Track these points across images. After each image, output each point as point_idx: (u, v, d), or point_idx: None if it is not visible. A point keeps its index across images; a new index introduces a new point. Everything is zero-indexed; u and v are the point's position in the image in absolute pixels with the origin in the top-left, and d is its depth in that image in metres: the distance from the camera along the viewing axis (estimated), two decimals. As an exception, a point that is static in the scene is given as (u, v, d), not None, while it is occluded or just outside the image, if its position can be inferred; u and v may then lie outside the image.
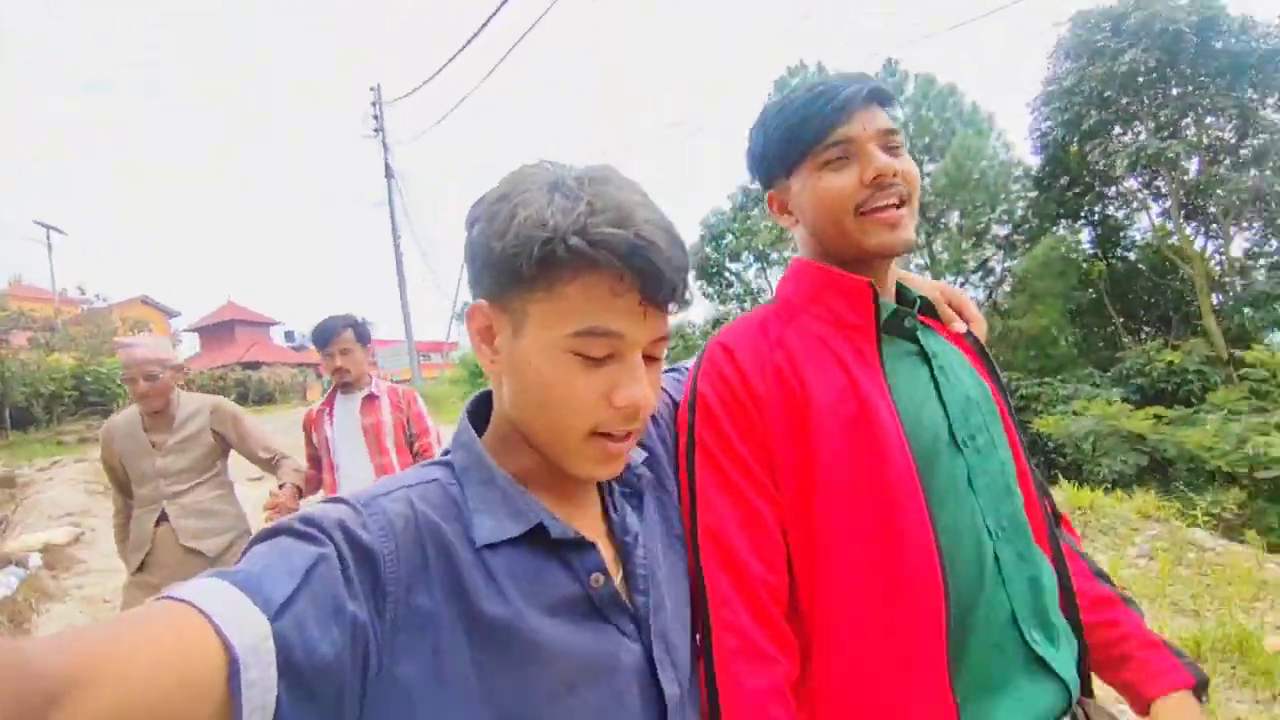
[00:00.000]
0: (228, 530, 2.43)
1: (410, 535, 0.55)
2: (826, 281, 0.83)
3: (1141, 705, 0.81)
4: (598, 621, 0.61)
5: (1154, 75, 12.15)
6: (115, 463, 2.39)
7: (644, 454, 0.74)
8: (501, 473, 0.62)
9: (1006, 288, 15.70)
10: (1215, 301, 12.73)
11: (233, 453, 2.55)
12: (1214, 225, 13.40)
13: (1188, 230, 13.47)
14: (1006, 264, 15.98)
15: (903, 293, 0.89)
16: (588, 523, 0.67)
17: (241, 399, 20.29)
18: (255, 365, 25.24)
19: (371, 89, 17.75)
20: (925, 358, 0.82)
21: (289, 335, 38.20)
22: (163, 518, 2.34)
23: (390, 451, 2.60)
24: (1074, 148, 13.47)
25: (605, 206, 0.55)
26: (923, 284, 0.95)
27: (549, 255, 0.54)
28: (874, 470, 0.72)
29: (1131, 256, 14.72)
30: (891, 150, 0.78)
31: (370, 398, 2.64)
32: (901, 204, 0.78)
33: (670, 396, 0.87)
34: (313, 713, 0.44)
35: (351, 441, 2.58)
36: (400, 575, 0.52)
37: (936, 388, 0.80)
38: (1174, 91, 12.57)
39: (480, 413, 0.69)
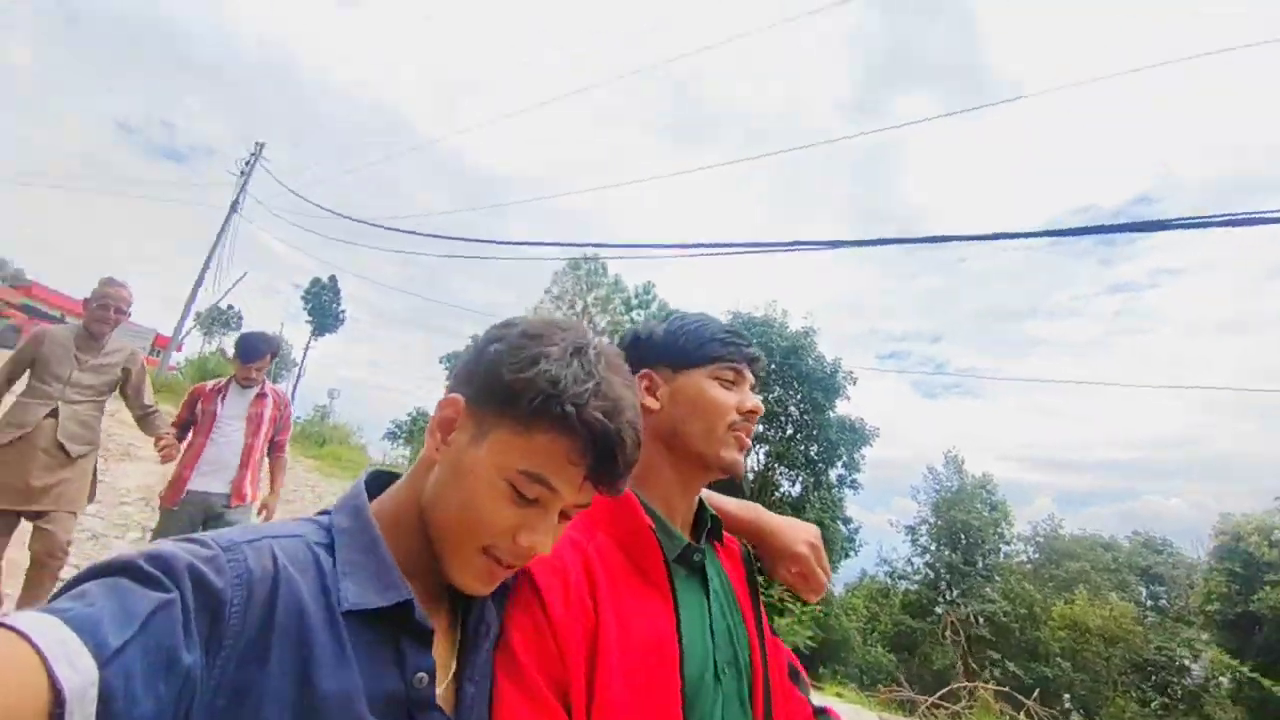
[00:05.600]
0: (91, 444, 3.00)
1: (264, 589, 0.54)
2: (625, 509, 0.84)
3: None
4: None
5: (772, 370, 19.75)
6: (28, 358, 2.88)
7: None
8: (384, 545, 0.63)
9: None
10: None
11: None
12: (793, 472, 20.97)
13: (780, 471, 20.90)
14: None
15: (701, 511, 0.95)
16: (436, 610, 0.68)
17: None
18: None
19: (257, 144, 19.08)
20: (705, 588, 0.87)
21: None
22: (53, 414, 2.84)
23: (260, 437, 3.31)
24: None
25: (606, 395, 0.63)
26: (782, 527, 1.01)
27: (546, 409, 0.61)
28: (648, 703, 0.74)
29: (750, 476, 21.73)
30: None
31: (261, 395, 3.35)
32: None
33: None
34: None
35: (235, 421, 3.26)
36: (241, 631, 0.51)
37: (710, 618, 0.85)
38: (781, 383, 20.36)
39: (376, 489, 0.71)
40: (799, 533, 0.99)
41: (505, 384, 0.63)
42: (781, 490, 20.77)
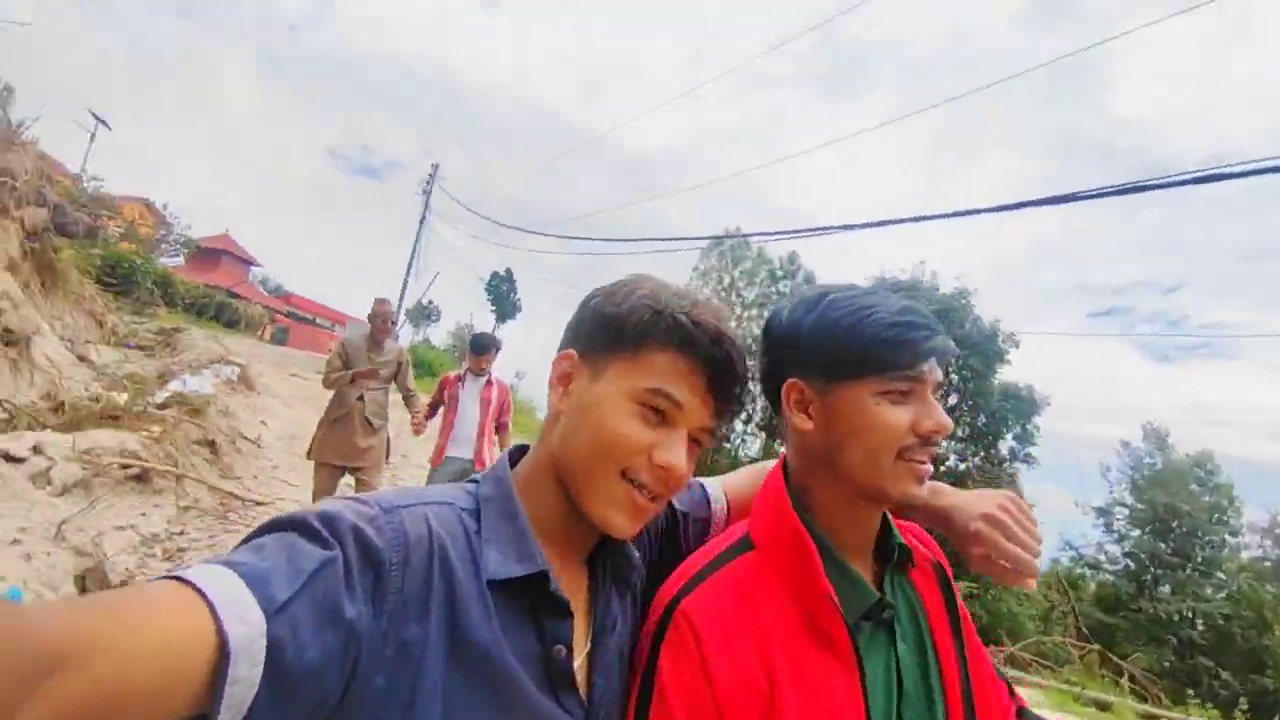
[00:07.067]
0: (385, 419, 4.22)
1: (421, 552, 0.56)
2: (801, 564, 0.73)
3: None
4: (547, 692, 0.61)
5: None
6: (345, 355, 4.18)
7: (641, 564, 0.75)
8: (524, 514, 0.65)
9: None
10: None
11: None
12: (959, 445, 19.79)
13: (945, 444, 20.23)
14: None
15: (885, 536, 0.80)
16: (573, 592, 0.68)
17: (216, 318, 24.14)
18: (238, 296, 29.26)
19: (433, 165, 22.78)
20: (891, 642, 0.75)
21: (264, 281, 41.95)
22: (360, 397, 4.08)
23: (489, 416, 4.39)
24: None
25: (706, 306, 0.68)
26: (958, 503, 0.81)
27: (653, 324, 0.65)
28: None
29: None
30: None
31: (489, 382, 4.45)
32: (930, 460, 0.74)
33: (671, 511, 0.86)
34: (286, 714, 0.44)
35: (474, 403, 4.40)
36: (401, 588, 0.54)
37: (898, 675, 0.73)
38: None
39: (516, 459, 0.73)
40: (976, 505, 0.79)
41: (609, 318, 0.67)
42: (948, 463, 19.66)
